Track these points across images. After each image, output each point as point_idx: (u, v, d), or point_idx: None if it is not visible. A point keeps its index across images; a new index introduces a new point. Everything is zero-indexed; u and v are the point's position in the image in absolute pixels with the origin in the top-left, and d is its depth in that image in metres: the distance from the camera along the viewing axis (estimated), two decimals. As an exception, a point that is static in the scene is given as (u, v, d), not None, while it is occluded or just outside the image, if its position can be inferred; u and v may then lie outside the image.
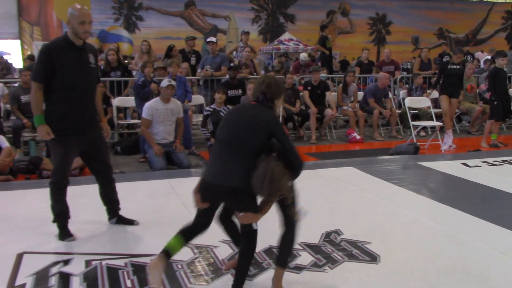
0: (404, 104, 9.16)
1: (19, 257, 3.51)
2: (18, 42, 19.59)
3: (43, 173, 6.23)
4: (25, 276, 3.20)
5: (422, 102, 9.15)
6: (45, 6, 20.26)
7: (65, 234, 3.86)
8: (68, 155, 3.84)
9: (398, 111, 9.54)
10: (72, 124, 3.75)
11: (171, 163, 6.67)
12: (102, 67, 8.78)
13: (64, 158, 3.81)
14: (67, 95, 3.69)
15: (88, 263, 3.40)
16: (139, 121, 7.92)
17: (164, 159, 6.55)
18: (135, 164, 7.12)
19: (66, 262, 3.42)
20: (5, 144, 6.14)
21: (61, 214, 3.90)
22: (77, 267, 3.33)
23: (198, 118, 8.60)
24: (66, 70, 3.66)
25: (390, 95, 9.79)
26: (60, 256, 3.52)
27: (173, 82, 6.63)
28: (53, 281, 3.14)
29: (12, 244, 3.75)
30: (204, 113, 7.50)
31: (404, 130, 9.58)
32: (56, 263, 3.40)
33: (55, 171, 3.85)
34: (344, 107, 9.31)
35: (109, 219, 4.21)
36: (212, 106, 7.43)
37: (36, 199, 5.10)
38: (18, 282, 3.12)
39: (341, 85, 9.61)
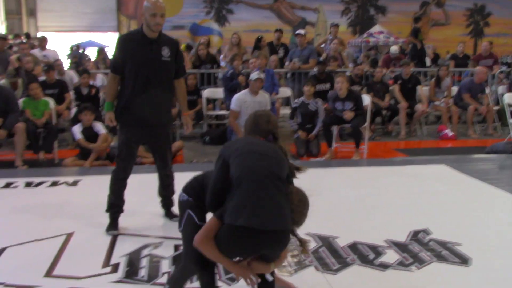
0: (502, 100, 8.63)
1: (114, 238, 3.73)
2: (116, 34, 20.71)
3: (136, 160, 6.54)
4: (119, 256, 3.40)
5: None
6: (141, 1, 21.19)
7: (112, 226, 3.87)
8: (128, 146, 3.87)
9: (496, 108, 9.01)
10: (134, 115, 3.77)
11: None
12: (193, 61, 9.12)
13: (124, 148, 3.87)
14: (132, 86, 3.73)
15: (177, 247, 3.54)
16: (227, 112, 8.09)
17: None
18: (222, 154, 7.28)
19: (156, 245, 3.58)
20: (102, 130, 6.51)
21: (114, 205, 3.92)
22: (167, 251, 3.48)
23: (284, 111, 8.64)
24: (133, 62, 3.70)
25: (488, 90, 9.26)
26: (151, 239, 3.69)
27: (262, 76, 6.69)
28: (144, 262, 3.30)
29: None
30: (293, 106, 7.52)
31: (501, 128, 9.02)
32: (147, 246, 3.57)
33: (116, 161, 3.98)
34: (437, 102, 8.93)
35: (164, 212, 4.23)
36: (300, 98, 7.42)
37: (130, 183, 5.37)
38: (113, 261, 3.32)
39: (434, 79, 9.23)
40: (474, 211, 4.40)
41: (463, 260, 3.33)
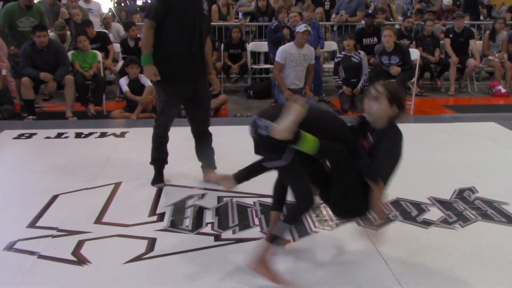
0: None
1: (160, 189, 3.83)
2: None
3: (181, 113, 6.62)
4: (165, 205, 3.51)
5: None
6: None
7: (157, 179, 3.90)
8: (170, 103, 3.71)
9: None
10: (177, 70, 3.60)
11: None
12: (252, 12, 9.05)
13: (166, 105, 3.72)
14: (176, 38, 3.54)
15: (220, 199, 3.62)
16: (271, 66, 8.03)
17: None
18: (266, 109, 7.29)
19: (200, 196, 3.66)
20: (148, 83, 6.60)
21: (157, 159, 3.92)
22: (210, 202, 3.57)
23: (330, 65, 8.49)
24: (179, 13, 3.50)
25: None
26: (195, 191, 3.78)
27: (309, 28, 6.56)
28: (189, 212, 3.39)
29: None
30: (336, 60, 7.39)
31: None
32: (191, 197, 3.66)
33: (157, 118, 3.81)
34: (490, 57, 8.55)
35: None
36: (343, 52, 7.28)
37: (173, 136, 5.46)
38: (159, 210, 3.43)
39: (488, 32, 8.81)
40: (524, 170, 4.26)
41: (510, 220, 3.26)
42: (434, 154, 4.71)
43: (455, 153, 4.75)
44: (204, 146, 4.04)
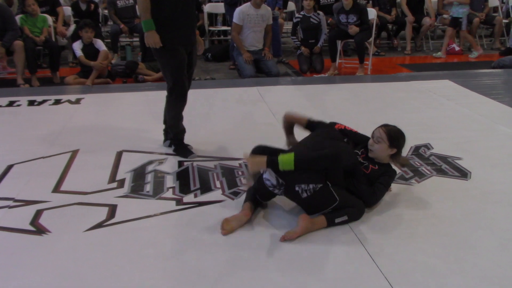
0: (512, 13, 8.38)
1: (119, 154, 3.78)
2: None
3: (138, 77, 6.51)
4: (125, 172, 3.46)
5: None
6: None
7: (187, 150, 3.76)
8: (182, 65, 3.54)
9: (505, 21, 8.76)
10: (178, 34, 3.46)
11: (259, 71, 6.69)
12: None
13: (179, 68, 3.53)
14: (174, 4, 3.38)
15: (180, 163, 3.60)
16: (229, 28, 7.92)
17: (253, 66, 6.57)
18: (225, 71, 7.22)
19: (160, 162, 3.64)
20: (103, 47, 6.42)
21: (182, 130, 3.80)
22: (170, 166, 3.54)
23: (288, 26, 8.44)
24: None
25: (497, 1, 8.96)
26: (155, 156, 3.74)
27: None
28: (149, 178, 3.37)
29: (112, 142, 4.03)
30: (294, 21, 7.34)
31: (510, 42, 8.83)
32: (151, 162, 3.63)
33: (172, 87, 3.58)
34: (445, 16, 8.67)
35: (165, 140, 3.97)
36: (301, 12, 7.23)
37: (131, 102, 5.38)
38: (119, 177, 3.38)
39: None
40: (476, 126, 4.40)
41: (463, 174, 3.38)
42: (391, 112, 4.80)
43: (411, 111, 4.85)
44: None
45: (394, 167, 3.00)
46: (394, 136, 2.91)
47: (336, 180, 2.71)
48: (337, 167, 2.69)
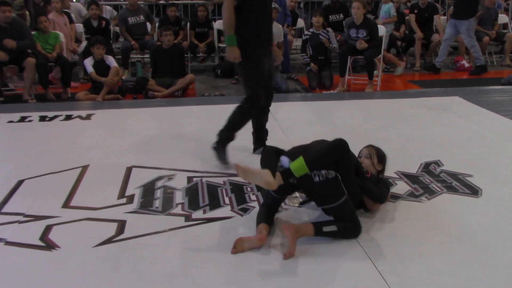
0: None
1: (128, 170, 3.79)
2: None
3: (149, 93, 6.56)
4: (134, 187, 3.47)
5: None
6: None
7: (226, 157, 3.80)
8: (263, 77, 3.67)
9: None
10: (261, 49, 3.60)
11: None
12: None
13: (260, 79, 3.65)
14: (261, 15, 3.51)
15: (190, 179, 3.60)
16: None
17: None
18: (234, 87, 7.26)
19: (170, 177, 3.64)
20: (114, 63, 6.49)
21: (231, 138, 3.83)
22: (180, 182, 3.55)
23: (297, 43, 8.48)
24: None
25: (507, 18, 8.96)
26: (164, 172, 3.75)
27: (277, 5, 6.52)
28: (159, 193, 3.37)
29: (122, 158, 4.05)
30: (303, 38, 7.38)
31: (520, 59, 8.82)
32: (161, 178, 3.64)
33: (251, 96, 3.68)
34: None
35: (255, 149, 4.06)
36: (311, 30, 7.28)
37: (141, 118, 5.42)
38: (128, 192, 3.39)
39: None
40: (486, 143, 4.37)
41: (473, 191, 3.35)
42: (401, 129, 4.79)
43: (421, 128, 4.84)
44: (263, 119, 4.02)
45: None
46: (382, 153, 3.19)
47: (347, 176, 2.73)
48: (346, 154, 2.69)
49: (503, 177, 3.61)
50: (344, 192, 2.70)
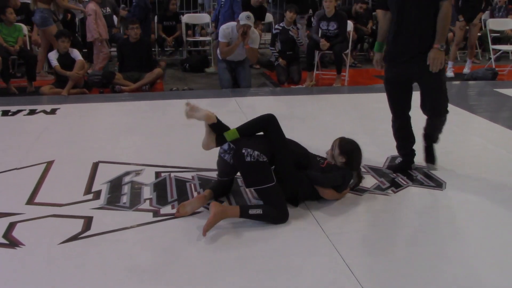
0: (485, 26, 8.57)
1: (95, 165, 3.73)
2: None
3: (116, 88, 6.45)
4: (101, 183, 3.42)
5: (505, 24, 8.52)
6: None
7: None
8: (397, 84, 3.88)
9: (478, 34, 8.94)
10: (399, 50, 3.55)
11: (236, 81, 6.70)
12: None
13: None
14: (399, 19, 3.40)
15: (158, 174, 3.57)
16: (207, 38, 7.94)
17: (231, 77, 6.58)
18: (202, 81, 7.22)
19: (137, 173, 3.60)
20: (79, 57, 6.36)
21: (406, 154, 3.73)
22: (148, 178, 3.51)
23: (266, 37, 8.49)
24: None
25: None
26: (132, 167, 3.71)
27: (251, 21, 6.25)
28: (126, 189, 3.33)
29: (88, 153, 3.98)
30: (273, 32, 7.39)
31: (482, 54, 9.04)
32: (128, 173, 3.59)
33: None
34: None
35: (429, 160, 3.78)
36: (281, 24, 7.28)
37: (108, 112, 5.33)
38: (95, 188, 3.34)
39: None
40: (451, 136, 4.46)
41: (438, 184, 3.43)
42: (368, 123, 4.85)
43: (386, 122, 4.89)
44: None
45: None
46: (345, 146, 3.16)
47: (283, 166, 2.97)
48: (273, 126, 2.98)
49: (467, 170, 3.70)
50: (273, 179, 2.86)
